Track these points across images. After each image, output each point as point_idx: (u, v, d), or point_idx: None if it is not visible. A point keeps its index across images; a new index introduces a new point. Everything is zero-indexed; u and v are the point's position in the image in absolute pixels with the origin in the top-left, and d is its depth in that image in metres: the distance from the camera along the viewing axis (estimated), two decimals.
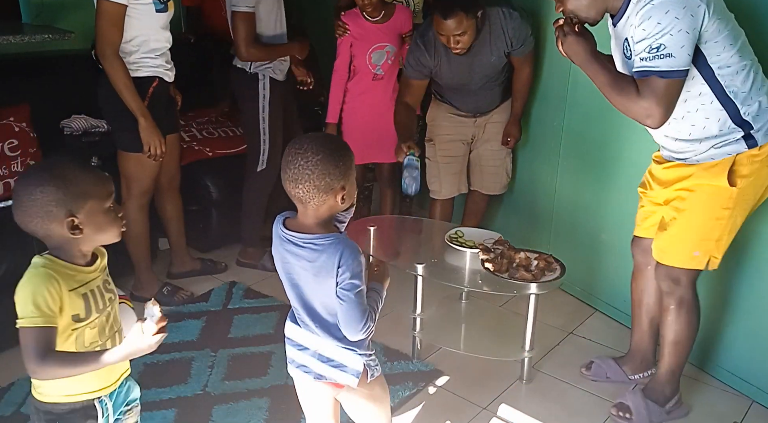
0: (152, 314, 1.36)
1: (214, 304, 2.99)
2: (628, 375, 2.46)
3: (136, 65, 2.60)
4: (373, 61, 3.10)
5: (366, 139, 3.19)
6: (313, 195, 1.49)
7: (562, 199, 3.08)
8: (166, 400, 2.32)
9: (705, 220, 2.00)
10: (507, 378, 2.50)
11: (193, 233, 3.26)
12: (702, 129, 1.94)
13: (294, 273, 1.58)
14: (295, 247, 1.55)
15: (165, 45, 2.69)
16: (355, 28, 3.05)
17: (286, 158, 1.50)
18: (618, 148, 2.74)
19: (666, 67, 1.79)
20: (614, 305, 2.90)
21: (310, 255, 1.53)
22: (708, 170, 1.97)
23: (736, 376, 2.44)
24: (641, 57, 1.83)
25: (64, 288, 1.37)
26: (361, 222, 2.83)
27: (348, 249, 1.51)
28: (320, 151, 1.47)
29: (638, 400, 2.24)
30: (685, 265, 2.07)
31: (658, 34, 1.77)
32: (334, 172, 1.48)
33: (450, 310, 2.85)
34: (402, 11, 3.12)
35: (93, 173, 1.43)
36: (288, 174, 1.49)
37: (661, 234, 2.11)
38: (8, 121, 2.88)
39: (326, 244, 1.51)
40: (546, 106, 3.07)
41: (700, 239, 2.02)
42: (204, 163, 3.33)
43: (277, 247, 1.61)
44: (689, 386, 2.42)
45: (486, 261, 2.38)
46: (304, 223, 1.56)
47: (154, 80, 2.66)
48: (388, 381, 2.42)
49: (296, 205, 1.56)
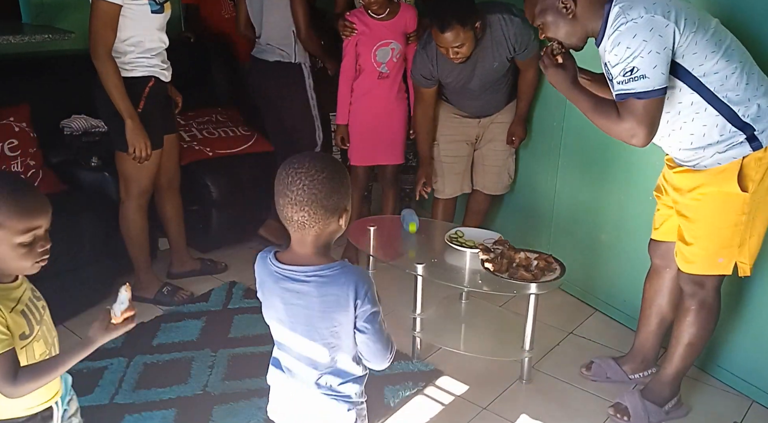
0: (121, 301, 1.38)
1: (214, 304, 2.98)
2: (628, 375, 2.46)
3: (131, 65, 2.59)
4: (378, 58, 3.08)
5: (372, 139, 3.18)
6: (320, 217, 1.35)
7: (562, 199, 3.08)
8: (166, 400, 2.32)
9: (722, 228, 1.99)
10: (507, 378, 2.50)
11: (193, 233, 3.27)
12: (702, 137, 1.93)
13: (294, 315, 1.44)
14: (297, 283, 1.40)
15: (161, 45, 2.68)
16: (360, 26, 3.05)
17: (285, 180, 1.35)
18: (618, 148, 2.74)
19: (642, 88, 1.82)
20: (614, 305, 2.90)
21: (317, 289, 1.39)
22: (717, 176, 1.95)
23: (736, 376, 2.44)
24: (617, 81, 1.86)
25: (5, 311, 1.34)
26: (361, 222, 2.84)
27: (361, 278, 1.39)
28: (324, 169, 1.35)
29: (636, 400, 2.24)
30: (710, 272, 2.06)
31: (629, 58, 1.80)
32: (340, 190, 1.37)
33: (450, 310, 2.85)
34: (407, 9, 3.11)
35: (18, 204, 1.33)
36: (290, 197, 1.34)
37: (682, 246, 2.09)
38: (8, 121, 2.88)
39: (334, 275, 1.39)
40: (546, 106, 3.07)
41: (721, 246, 2.01)
42: (204, 163, 3.33)
43: (271, 288, 1.44)
44: (689, 386, 2.42)
45: (486, 261, 2.38)
46: (301, 254, 1.42)
47: (150, 80, 2.65)
48: (388, 381, 2.43)
49: (291, 235, 1.41)
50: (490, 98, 2.99)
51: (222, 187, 3.31)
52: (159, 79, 2.70)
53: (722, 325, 2.44)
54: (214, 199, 3.29)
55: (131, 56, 2.59)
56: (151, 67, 2.65)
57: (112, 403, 2.30)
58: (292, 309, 1.43)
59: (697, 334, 2.13)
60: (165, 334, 2.73)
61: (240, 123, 3.67)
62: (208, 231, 3.37)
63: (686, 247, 2.07)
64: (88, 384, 2.38)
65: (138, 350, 2.60)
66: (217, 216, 3.33)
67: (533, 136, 3.15)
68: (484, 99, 2.99)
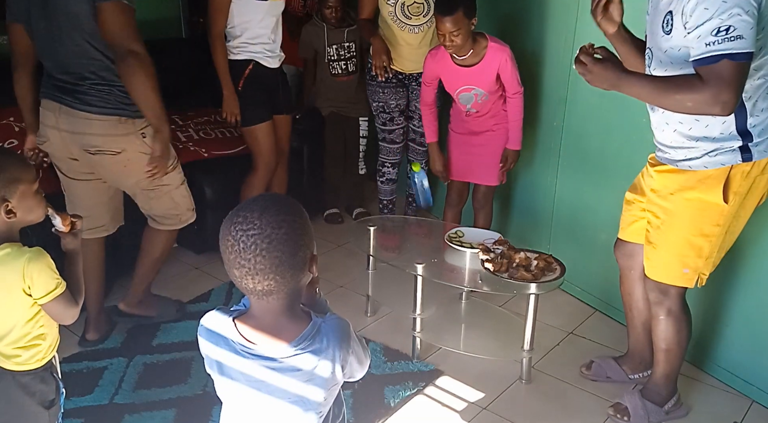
0: (53, 216, 1.59)
1: (214, 303, 2.99)
2: (628, 374, 2.46)
3: (237, 49, 2.96)
4: (462, 101, 2.95)
5: (465, 159, 3.06)
6: (288, 280, 1.11)
7: (562, 199, 3.08)
8: (166, 400, 2.32)
9: (693, 236, 1.95)
10: (507, 378, 2.50)
11: (188, 235, 3.25)
12: (704, 127, 1.86)
13: (260, 398, 1.19)
14: (269, 370, 1.15)
15: (265, 32, 2.97)
16: (441, 70, 2.89)
17: (235, 247, 1.09)
18: (618, 148, 2.74)
19: (738, 49, 1.63)
20: (614, 305, 2.90)
21: (291, 379, 1.15)
22: (701, 182, 1.90)
23: (736, 376, 2.44)
24: (707, 41, 1.66)
25: None
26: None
27: (338, 347, 1.15)
28: (282, 223, 1.09)
29: (636, 400, 2.24)
30: (674, 283, 2.04)
31: (725, 13, 1.63)
32: (304, 239, 1.13)
33: (450, 310, 2.85)
34: (496, 52, 2.77)
35: (19, 158, 1.54)
36: (247, 268, 1.08)
37: (649, 249, 2.06)
38: (8, 121, 2.89)
39: (310, 356, 1.15)
40: (546, 106, 3.07)
41: (688, 256, 1.98)
42: (199, 163, 3.30)
43: (230, 365, 1.18)
44: (689, 386, 2.42)
45: (486, 261, 2.38)
46: (267, 324, 1.16)
47: (249, 63, 2.98)
48: (388, 381, 2.43)
49: (252, 302, 1.17)
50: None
51: (217, 188, 3.30)
52: (260, 63, 3.00)
53: (722, 324, 2.45)
54: (208, 200, 3.28)
55: (237, 41, 2.94)
56: (254, 53, 2.98)
57: (112, 403, 2.29)
58: (264, 387, 1.18)
59: (671, 339, 2.12)
60: (165, 334, 2.73)
61: (238, 124, 3.66)
62: (202, 233, 3.35)
63: (652, 251, 2.05)
64: (88, 384, 2.38)
65: (138, 350, 2.60)
66: (211, 217, 3.30)
67: (533, 136, 3.15)
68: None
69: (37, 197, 1.54)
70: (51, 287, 1.51)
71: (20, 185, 1.50)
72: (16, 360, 1.54)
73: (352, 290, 3.10)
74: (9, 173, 1.48)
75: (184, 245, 3.20)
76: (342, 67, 3.58)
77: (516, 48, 2.84)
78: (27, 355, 1.54)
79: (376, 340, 2.70)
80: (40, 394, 1.58)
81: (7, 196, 1.48)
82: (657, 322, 2.13)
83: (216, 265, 3.32)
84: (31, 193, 1.52)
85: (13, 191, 1.49)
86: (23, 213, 1.52)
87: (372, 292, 2.85)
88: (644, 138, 2.60)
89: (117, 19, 2.12)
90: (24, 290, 1.49)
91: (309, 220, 1.17)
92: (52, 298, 1.51)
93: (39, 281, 1.48)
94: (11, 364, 1.54)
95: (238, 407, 1.24)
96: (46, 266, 1.50)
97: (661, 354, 2.17)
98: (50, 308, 1.53)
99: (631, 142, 2.66)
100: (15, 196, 1.49)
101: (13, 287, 1.48)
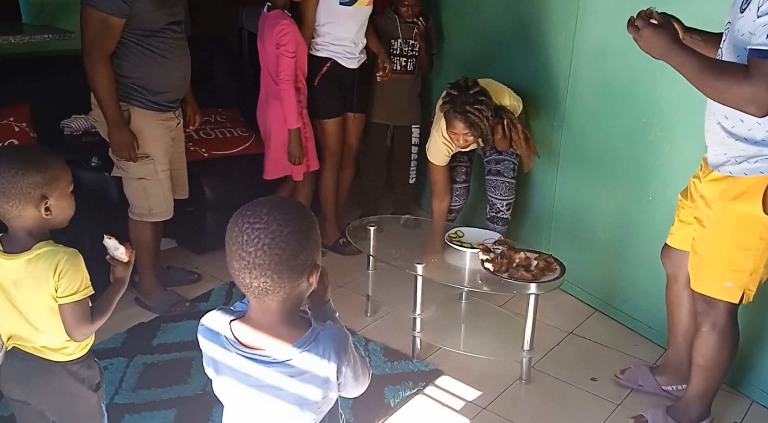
0: (115, 247, 1.60)
1: (214, 304, 2.99)
2: (662, 385, 2.35)
3: (319, 47, 3.18)
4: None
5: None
6: (285, 282, 1.10)
7: (562, 199, 3.08)
8: (166, 400, 2.32)
9: (734, 249, 1.84)
10: (507, 378, 2.50)
11: (188, 235, 3.25)
12: (747, 130, 1.74)
13: (257, 397, 1.19)
14: (265, 370, 1.16)
15: (348, 36, 3.17)
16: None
17: (239, 239, 1.09)
18: (618, 148, 2.74)
19: None
20: (614, 305, 2.90)
21: (287, 380, 1.15)
22: (744, 192, 1.80)
23: (736, 377, 2.44)
24: None
25: None
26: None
27: (335, 354, 1.15)
28: (289, 222, 1.09)
29: (658, 417, 2.14)
30: (717, 296, 1.91)
31: None
32: (309, 244, 1.12)
33: (450, 310, 2.85)
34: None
35: (59, 159, 1.56)
36: (247, 261, 1.08)
37: (693, 259, 1.97)
38: (8, 121, 2.88)
39: (308, 360, 1.14)
40: (546, 106, 3.07)
41: (730, 270, 1.86)
42: (199, 163, 3.30)
43: (225, 364, 1.19)
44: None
45: (486, 261, 2.38)
46: (265, 327, 1.16)
47: (327, 61, 3.19)
48: (388, 381, 2.43)
49: (250, 301, 1.17)
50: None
51: (217, 188, 3.29)
52: (338, 62, 3.20)
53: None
54: (208, 200, 3.28)
55: (320, 39, 3.17)
56: (334, 52, 3.19)
57: (112, 403, 2.29)
58: (262, 390, 1.18)
59: (710, 356, 1.99)
60: (165, 334, 2.73)
61: (239, 124, 3.66)
62: (202, 233, 3.35)
63: (696, 260, 1.95)
64: None
65: (138, 350, 2.60)
66: (211, 218, 3.31)
67: (533, 136, 3.15)
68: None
69: (71, 199, 1.58)
70: (74, 289, 1.52)
71: (60, 185, 1.53)
72: (64, 351, 1.60)
73: (352, 290, 3.10)
74: (51, 172, 1.51)
75: (184, 245, 3.19)
76: (402, 63, 3.53)
77: (516, 48, 2.85)
78: (73, 345, 1.60)
79: (376, 340, 2.70)
80: (88, 379, 1.65)
81: (47, 194, 1.51)
82: (699, 334, 2.00)
83: (216, 266, 3.32)
84: (67, 194, 1.56)
85: (53, 190, 1.52)
86: (57, 212, 1.54)
87: (372, 292, 2.85)
88: (644, 138, 2.60)
89: (83, 24, 2.39)
90: (53, 286, 1.51)
91: (318, 230, 1.16)
92: (71, 300, 1.52)
93: (65, 279, 1.50)
94: (60, 355, 1.60)
95: (237, 407, 1.26)
96: (78, 269, 1.53)
97: (697, 370, 2.04)
98: (64, 311, 1.53)
99: (631, 142, 2.66)
100: (54, 194, 1.52)
101: (45, 282, 1.50)
